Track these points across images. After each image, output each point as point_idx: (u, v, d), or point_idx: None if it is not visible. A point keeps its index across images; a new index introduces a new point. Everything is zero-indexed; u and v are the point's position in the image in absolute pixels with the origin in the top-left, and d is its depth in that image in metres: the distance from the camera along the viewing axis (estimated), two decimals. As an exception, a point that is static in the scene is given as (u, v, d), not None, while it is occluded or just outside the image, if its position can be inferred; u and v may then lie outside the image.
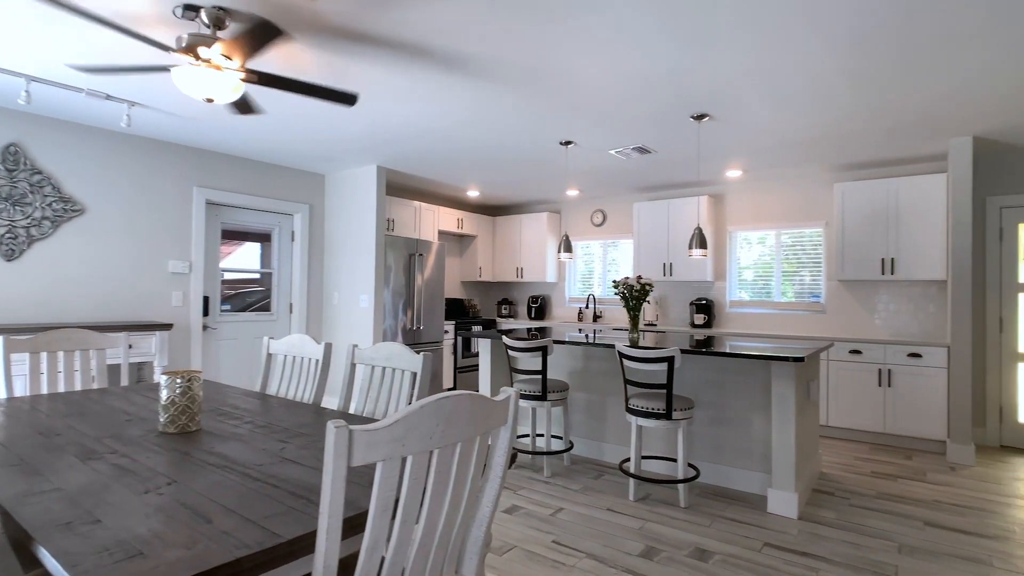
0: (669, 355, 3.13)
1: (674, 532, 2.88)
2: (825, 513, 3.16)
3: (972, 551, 2.72)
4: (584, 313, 7.06)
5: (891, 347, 4.56)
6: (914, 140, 4.28)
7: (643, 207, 6.22)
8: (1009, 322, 4.61)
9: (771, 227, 5.75)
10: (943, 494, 3.50)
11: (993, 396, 4.64)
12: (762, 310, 5.79)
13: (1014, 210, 4.61)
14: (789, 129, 4.05)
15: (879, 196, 4.85)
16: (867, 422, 4.64)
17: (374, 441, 0.93)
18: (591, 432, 4.18)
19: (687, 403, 3.27)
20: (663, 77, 3.13)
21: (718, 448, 3.60)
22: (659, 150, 4.67)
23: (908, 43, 2.68)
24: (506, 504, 3.22)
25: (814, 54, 2.81)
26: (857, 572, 2.50)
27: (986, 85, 3.19)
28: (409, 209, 6.26)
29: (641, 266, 6.24)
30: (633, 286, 4.08)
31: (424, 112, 3.79)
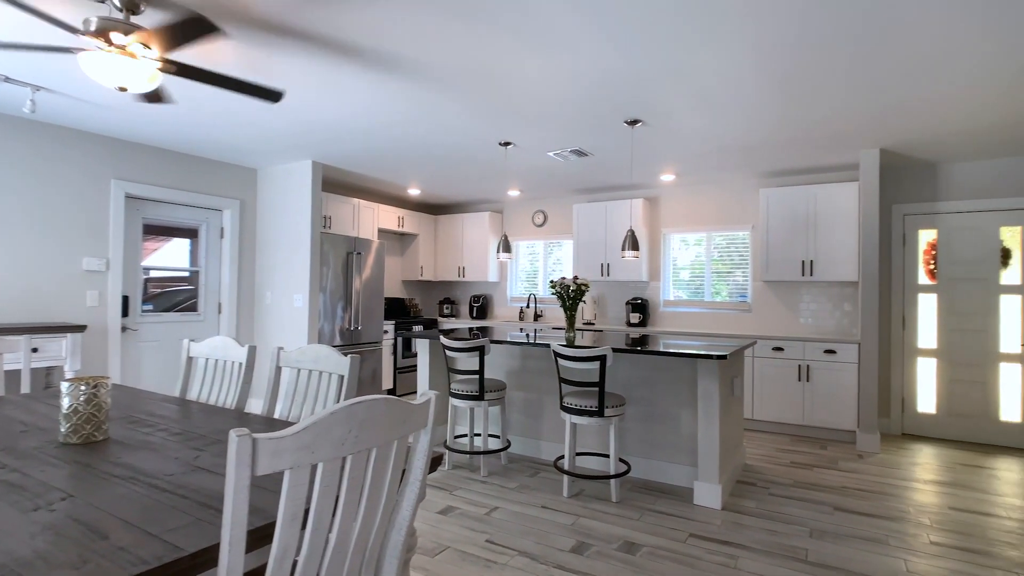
0: (601, 354, 3.21)
1: (605, 526, 2.96)
2: (747, 503, 3.33)
3: (872, 532, 2.94)
4: (525, 312, 7.12)
5: (809, 344, 4.86)
6: (830, 150, 4.58)
7: (582, 208, 6.34)
8: (911, 320, 5.01)
9: (702, 229, 5.99)
10: (851, 480, 3.76)
11: (897, 388, 5.03)
12: (694, 309, 6.03)
13: (915, 217, 5.01)
14: (717, 137, 4.24)
15: (800, 202, 5.15)
16: (788, 415, 4.93)
17: (280, 449, 0.91)
18: (529, 430, 4.23)
19: (619, 400, 3.37)
20: (597, 82, 3.20)
21: (649, 443, 3.73)
22: (596, 153, 4.78)
23: (823, 62, 2.86)
24: (441, 505, 3.22)
25: (739, 66, 2.95)
26: (772, 557, 2.65)
27: (891, 103, 3.45)
28: (347, 206, 6.12)
29: (580, 266, 6.36)
30: (569, 286, 4.16)
31: (360, 110, 3.72)
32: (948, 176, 4.89)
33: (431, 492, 3.42)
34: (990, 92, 3.25)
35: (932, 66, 2.90)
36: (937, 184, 4.93)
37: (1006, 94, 3.27)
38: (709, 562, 2.59)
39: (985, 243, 4.74)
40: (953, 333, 4.85)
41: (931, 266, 4.96)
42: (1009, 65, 2.88)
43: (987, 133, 4.01)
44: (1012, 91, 3.22)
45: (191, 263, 5.20)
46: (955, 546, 2.80)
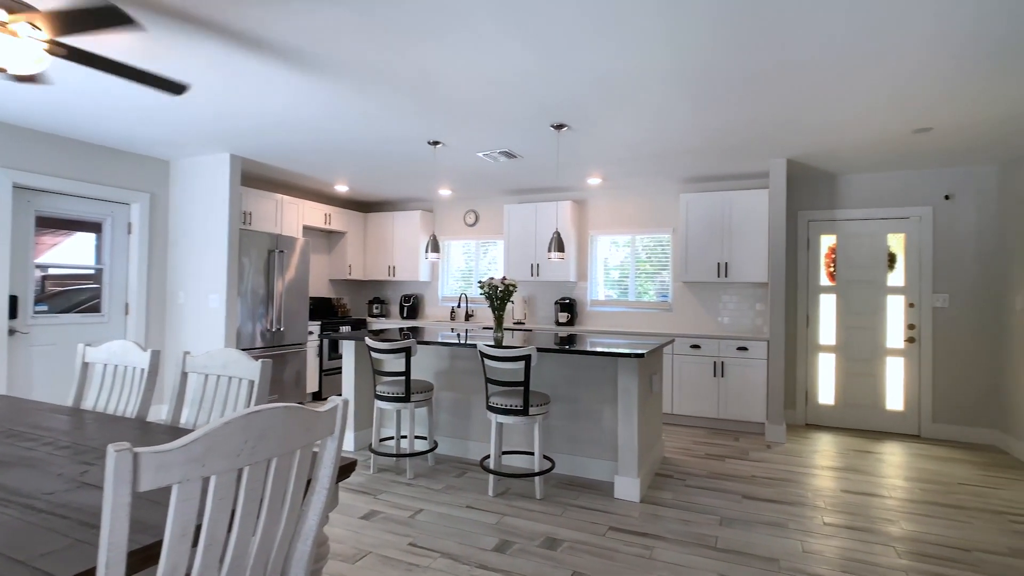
0: (526, 354, 3.26)
1: (529, 524, 3.01)
2: (664, 495, 3.49)
3: (775, 517, 3.16)
4: (457, 312, 7.10)
5: (724, 342, 5.14)
6: (743, 159, 4.87)
7: (513, 209, 6.40)
8: (813, 318, 5.42)
9: (628, 232, 6.21)
10: (759, 469, 4.02)
11: (801, 382, 5.43)
12: (619, 308, 6.23)
13: (818, 223, 5.42)
14: (639, 143, 4.40)
15: (716, 207, 5.44)
16: (704, 409, 5.20)
17: (166, 463, 0.87)
18: (456, 431, 4.23)
19: (544, 399, 3.44)
20: (520, 86, 3.25)
21: (573, 440, 3.83)
22: (525, 155, 4.84)
23: (733, 79, 3.03)
24: (364, 510, 3.16)
25: (656, 78, 3.08)
26: (685, 546, 2.79)
27: (793, 119, 3.71)
28: (270, 202, 5.87)
29: (511, 266, 6.42)
30: (497, 287, 4.19)
31: (283, 104, 3.58)
32: (846, 186, 5.32)
33: (354, 497, 3.35)
34: (877, 114, 3.56)
35: (825, 91, 3.15)
36: (837, 193, 5.36)
37: (891, 116, 3.60)
38: (626, 554, 2.69)
39: (875, 248, 5.20)
40: (849, 330, 5.28)
41: (831, 269, 5.39)
42: (890, 91, 3.16)
43: (876, 149, 4.39)
44: (895, 114, 3.54)
45: (96, 260, 4.82)
46: (844, 525, 3.06)
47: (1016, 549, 2.82)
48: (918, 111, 3.54)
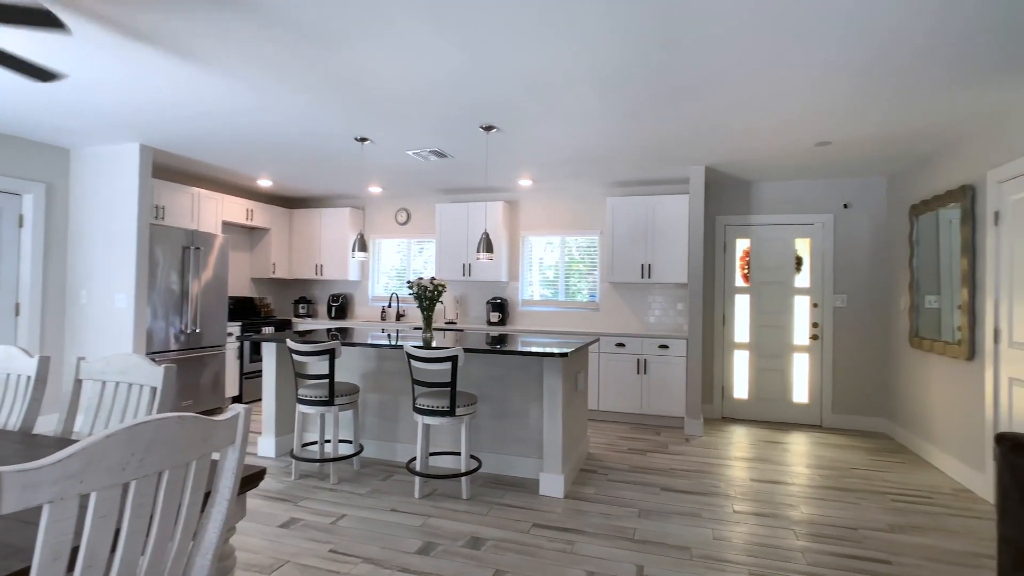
0: (453, 355, 3.26)
1: (454, 524, 3.02)
2: (587, 490, 3.59)
3: (690, 507, 3.33)
4: (388, 312, 6.99)
5: (647, 340, 5.35)
6: (665, 165, 5.08)
7: (445, 208, 6.37)
8: (729, 318, 5.74)
9: (558, 233, 6.33)
10: (677, 462, 4.22)
11: (718, 378, 5.74)
12: (550, 308, 6.34)
13: (734, 227, 5.75)
14: (567, 147, 4.50)
15: (640, 211, 5.64)
16: (628, 405, 5.39)
17: (34, 482, 0.81)
18: (384, 433, 4.17)
19: (471, 399, 3.45)
20: (451, 87, 3.24)
21: (500, 439, 3.86)
22: (455, 155, 4.83)
23: (657, 86, 3.16)
24: (283, 518, 3.05)
25: (585, 83, 3.16)
26: (605, 539, 2.89)
27: (710, 129, 3.91)
28: (185, 196, 5.54)
29: (443, 266, 6.39)
30: (426, 287, 4.16)
31: (195, 96, 3.39)
32: (759, 193, 5.67)
33: (272, 505, 3.23)
34: (784, 128, 3.82)
35: (739, 105, 3.35)
36: (751, 199, 5.69)
37: (796, 130, 3.87)
38: (549, 549, 2.75)
39: (784, 252, 5.58)
40: (761, 328, 5.64)
41: (745, 271, 5.72)
42: (796, 108, 3.41)
43: (784, 160, 4.71)
44: (800, 128, 3.82)
45: (-24, 256, 4.37)
46: (752, 512, 3.27)
47: (894, 525, 3.11)
48: (820, 126, 3.82)
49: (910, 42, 2.56)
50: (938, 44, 2.57)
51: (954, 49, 2.62)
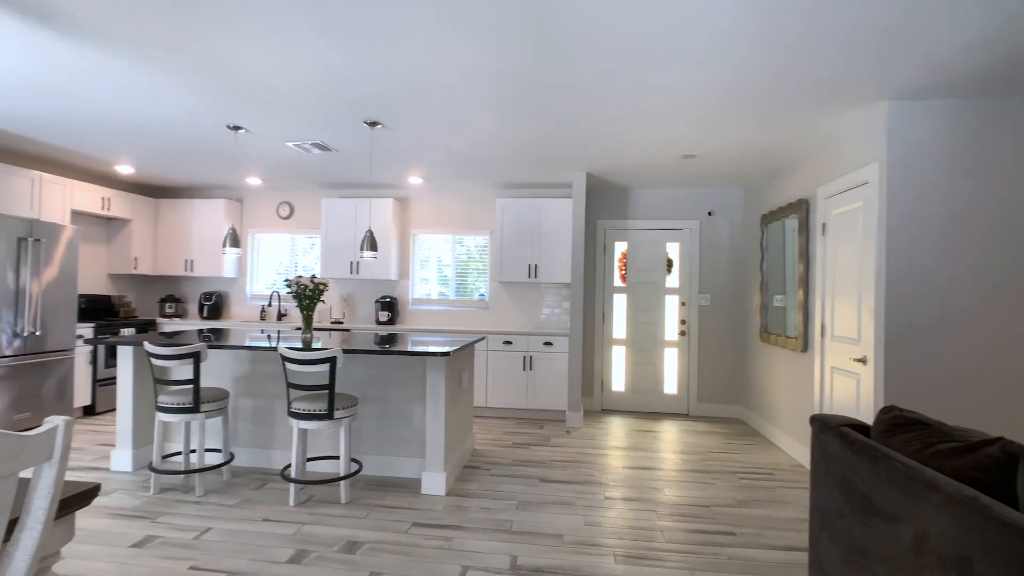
0: (330, 356, 3.18)
1: (330, 530, 2.94)
2: (470, 486, 3.66)
3: (565, 496, 3.51)
4: (268, 312, 6.62)
5: (533, 337, 5.54)
6: (550, 170, 5.28)
7: (332, 204, 6.15)
8: (608, 315, 6.10)
9: (449, 232, 6.35)
10: (557, 454, 4.42)
11: (598, 372, 6.07)
12: (440, 307, 6.35)
13: (613, 231, 6.11)
14: (453, 147, 4.53)
15: (528, 212, 5.82)
16: (515, 400, 5.55)
17: None
18: (258, 440, 3.96)
19: (351, 401, 3.38)
20: (331, 81, 3.15)
21: (384, 440, 3.82)
22: (340, 149, 4.69)
23: (537, 95, 3.28)
24: (137, 536, 2.81)
25: (466, 86, 3.21)
26: (483, 533, 2.96)
27: (588, 138, 4.13)
28: (22, 180, 4.87)
29: (329, 263, 6.17)
30: (306, 286, 4.01)
31: (39, 66, 2.99)
32: (636, 199, 6.07)
33: (124, 524, 2.96)
34: (654, 140, 4.13)
35: (613, 116, 3.57)
36: (628, 205, 6.08)
37: (665, 143, 4.20)
38: (427, 547, 2.78)
39: (657, 254, 6.03)
40: (636, 325, 6.05)
41: (623, 271, 6.10)
42: (664, 122, 3.70)
43: (656, 169, 5.09)
44: (669, 141, 4.14)
45: None
46: (621, 497, 3.51)
47: (741, 500, 3.50)
48: (685, 141, 4.18)
49: (759, 73, 2.88)
50: (782, 77, 2.93)
51: (794, 82, 2.99)
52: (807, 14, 2.31)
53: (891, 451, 1.88)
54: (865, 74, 2.89)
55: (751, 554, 2.78)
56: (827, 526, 2.22)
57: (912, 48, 2.58)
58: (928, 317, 3.18)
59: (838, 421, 2.25)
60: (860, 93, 3.14)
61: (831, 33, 2.46)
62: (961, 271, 3.16)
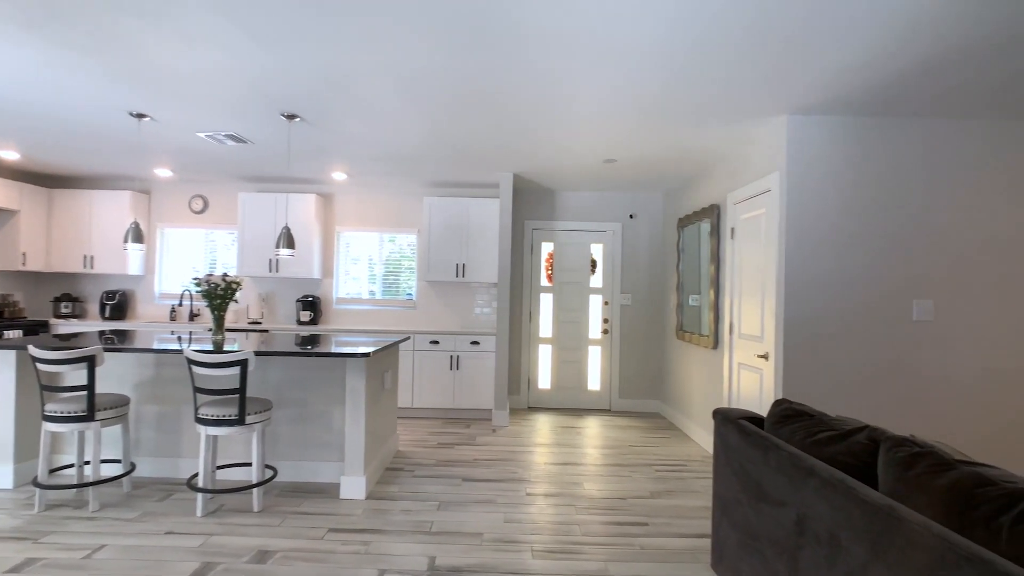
0: (241, 358, 3.04)
1: (240, 540, 2.82)
2: (391, 488, 3.61)
3: (488, 495, 3.53)
4: (179, 311, 6.23)
5: (460, 337, 5.53)
6: (477, 170, 5.29)
7: (250, 198, 5.87)
8: (535, 314, 6.19)
9: (375, 230, 6.22)
10: (482, 453, 4.44)
11: (525, 370, 6.16)
12: (366, 307, 6.22)
13: (540, 231, 6.21)
14: (378, 144, 4.45)
15: (456, 212, 5.81)
16: (441, 400, 5.53)
17: None
18: (165, 448, 3.72)
19: (264, 405, 3.25)
20: (244, 71, 3.00)
21: (302, 444, 3.70)
22: (256, 141, 4.48)
23: (460, 92, 3.28)
24: (15, 560, 2.56)
25: (388, 82, 3.15)
26: (402, 535, 2.93)
27: (516, 139, 4.17)
28: None
29: (247, 260, 5.88)
30: (217, 284, 3.81)
31: None
32: (562, 201, 6.19)
33: (1, 547, 2.70)
34: (577, 145, 4.23)
35: (536, 120, 3.63)
36: (555, 206, 6.20)
37: (587, 148, 4.31)
38: (343, 553, 2.72)
39: (582, 255, 6.19)
40: (562, 324, 6.18)
41: (550, 271, 6.22)
42: (586, 127, 3.80)
43: (580, 173, 5.22)
44: (590, 146, 4.26)
45: None
46: (542, 493, 3.58)
47: (655, 492, 3.66)
48: (606, 145, 4.31)
49: (676, 85, 3.02)
50: (696, 90, 3.08)
51: (708, 95, 3.16)
52: (719, 33, 2.45)
53: (779, 441, 2.03)
54: (768, 90, 3.09)
55: (661, 543, 2.92)
56: (727, 513, 2.37)
57: (806, 68, 2.80)
58: (821, 316, 3.45)
59: (737, 414, 2.41)
60: (764, 107, 3.36)
61: (738, 52, 2.62)
62: (850, 274, 3.45)
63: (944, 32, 2.41)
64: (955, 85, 2.97)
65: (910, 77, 2.87)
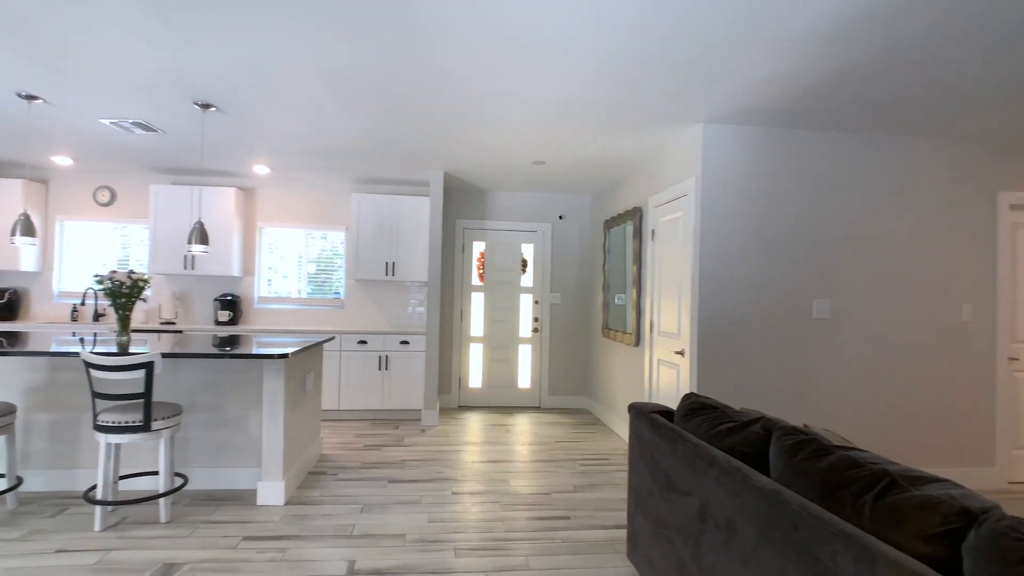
0: (146, 361, 2.86)
1: (144, 554, 2.65)
2: (313, 493, 3.51)
3: (413, 495, 3.50)
4: (81, 311, 5.76)
5: (389, 336, 5.45)
6: (407, 166, 5.23)
7: (163, 190, 5.52)
8: (467, 314, 6.19)
9: (301, 226, 6.01)
10: (410, 454, 4.40)
11: (456, 369, 6.15)
12: (290, 306, 6.00)
13: (471, 230, 6.22)
14: (301, 137, 4.30)
15: (386, 209, 5.71)
16: (370, 401, 5.42)
17: None
18: (59, 460, 3.44)
19: (174, 410, 3.07)
20: (153, 56, 2.82)
21: (216, 450, 3.52)
22: (168, 131, 4.22)
23: (386, 87, 3.22)
24: None
25: (308, 75, 3.06)
26: (322, 540, 2.86)
27: (444, 137, 4.15)
28: None
29: (160, 257, 5.53)
30: (122, 282, 3.57)
31: None
32: (494, 201, 6.23)
33: None
34: (505, 145, 4.27)
35: (464, 120, 3.63)
36: (486, 206, 6.22)
37: (516, 149, 4.36)
38: (258, 561, 2.62)
39: (513, 255, 6.25)
40: (493, 323, 6.21)
41: (481, 271, 6.24)
42: (514, 128, 3.84)
43: (510, 173, 5.27)
44: (519, 147, 4.31)
45: None
46: (468, 492, 3.59)
47: (578, 485, 3.76)
48: (534, 148, 4.37)
49: (600, 89, 3.11)
50: (620, 95, 3.18)
51: (631, 101, 3.27)
52: (637, 41, 2.54)
53: (686, 433, 2.14)
54: (685, 99, 3.25)
55: (581, 535, 3.00)
56: (641, 504, 2.47)
57: (721, 79, 2.96)
58: (732, 314, 3.66)
59: (649, 408, 2.52)
60: (681, 115, 3.53)
61: (657, 61, 2.74)
62: (759, 275, 3.68)
63: (836, 53, 2.62)
64: (845, 102, 3.23)
65: (812, 92, 3.10)
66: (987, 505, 1.17)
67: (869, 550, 1.18)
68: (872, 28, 2.38)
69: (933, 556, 1.17)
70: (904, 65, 2.72)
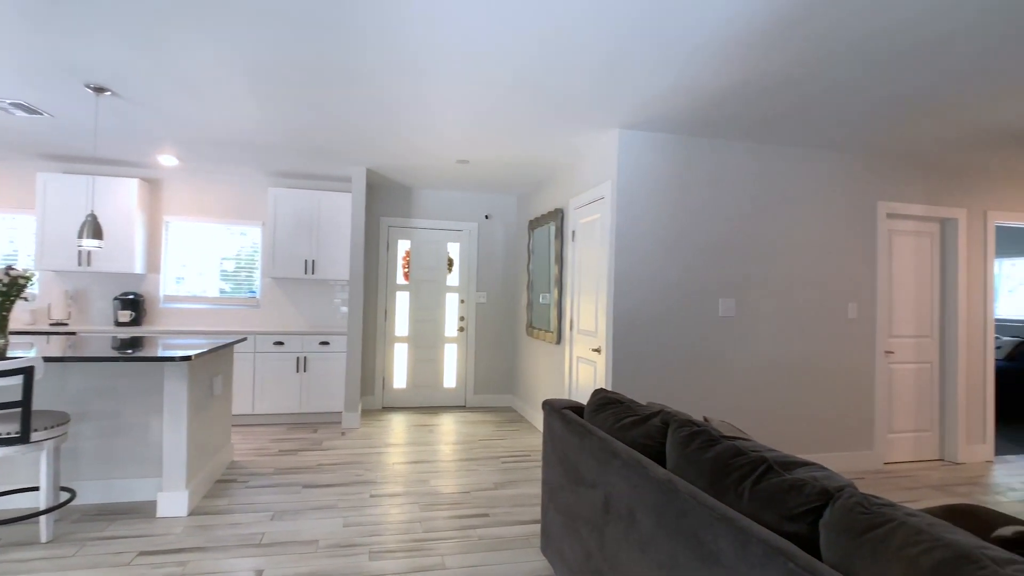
0: (24, 366, 2.61)
1: (20, 577, 2.43)
2: (220, 502, 3.34)
3: (329, 500, 3.41)
4: (-48, 311, 5.16)
5: (307, 337, 5.27)
6: (328, 162, 5.07)
7: (53, 179, 5.06)
8: (391, 313, 6.10)
9: (212, 221, 5.69)
10: (328, 457, 4.27)
11: (379, 370, 6.03)
12: (200, 305, 5.67)
13: (396, 228, 6.12)
14: (212, 128, 4.07)
15: (305, 205, 5.51)
16: (286, 405, 5.22)
17: None
18: (-81, 477, 3.07)
19: (58, 418, 2.82)
20: (34, 31, 2.58)
21: (112, 461, 3.28)
22: (56, 115, 3.87)
23: (301, 77, 3.11)
24: None
25: (214, 64, 2.90)
26: (227, 551, 2.73)
27: (366, 133, 4.06)
28: None
29: (49, 251, 5.06)
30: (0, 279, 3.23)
31: None
32: (419, 199, 6.16)
33: None
34: (429, 143, 4.24)
35: (389, 116, 3.57)
36: (412, 204, 6.15)
37: (439, 147, 4.33)
38: (154, 577, 2.46)
39: (439, 253, 6.21)
40: (418, 323, 6.15)
41: (407, 269, 6.16)
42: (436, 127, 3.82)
43: (435, 172, 5.23)
44: (442, 145, 4.29)
45: None
46: (387, 494, 3.54)
47: (498, 483, 3.80)
48: (459, 146, 4.37)
49: (521, 91, 3.14)
50: (539, 98, 3.23)
51: (551, 105, 3.33)
52: (555, 47, 2.60)
53: (593, 427, 2.22)
54: (600, 105, 3.35)
55: (499, 532, 3.03)
56: (553, 498, 2.53)
57: (630, 88, 3.08)
58: (644, 313, 3.82)
59: (561, 404, 2.58)
60: (598, 121, 3.64)
61: (573, 67, 2.81)
62: (670, 275, 3.87)
63: (731, 69, 2.80)
64: (736, 112, 3.46)
65: (709, 103, 3.29)
66: (842, 484, 1.30)
67: (745, 532, 1.28)
68: (755, 50, 2.56)
69: (798, 533, 1.29)
70: (786, 82, 2.95)
